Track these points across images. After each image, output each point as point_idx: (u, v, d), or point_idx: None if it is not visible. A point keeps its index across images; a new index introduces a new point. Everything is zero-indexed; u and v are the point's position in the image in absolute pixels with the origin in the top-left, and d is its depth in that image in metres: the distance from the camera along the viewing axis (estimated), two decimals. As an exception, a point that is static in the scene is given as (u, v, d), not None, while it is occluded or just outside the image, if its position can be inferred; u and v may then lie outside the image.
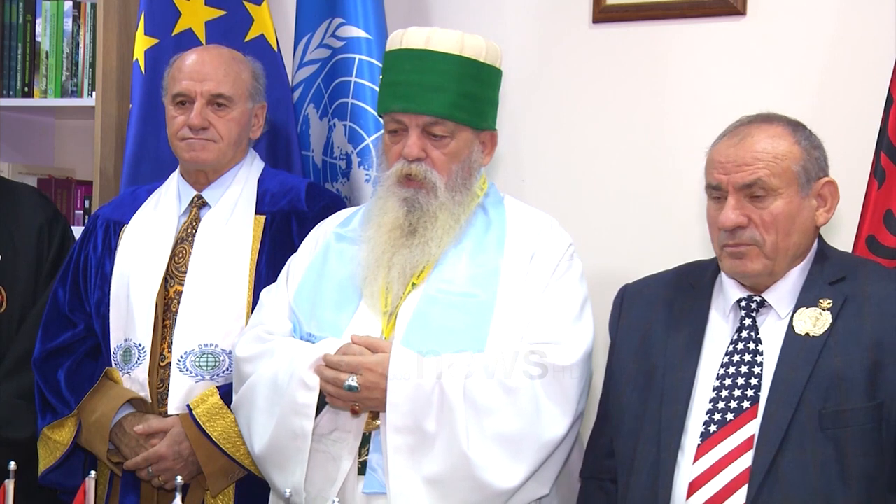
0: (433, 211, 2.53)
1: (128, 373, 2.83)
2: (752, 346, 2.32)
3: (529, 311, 2.49)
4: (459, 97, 2.54)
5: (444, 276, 2.52)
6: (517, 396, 2.40)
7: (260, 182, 2.97)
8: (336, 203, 2.96)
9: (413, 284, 2.53)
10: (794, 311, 2.30)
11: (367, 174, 3.19)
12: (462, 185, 2.57)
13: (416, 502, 2.37)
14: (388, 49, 2.62)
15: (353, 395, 2.40)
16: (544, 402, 2.41)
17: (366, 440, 2.46)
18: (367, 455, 2.45)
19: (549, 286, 2.52)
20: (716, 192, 2.35)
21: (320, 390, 2.45)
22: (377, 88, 3.14)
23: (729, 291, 2.38)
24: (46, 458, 2.87)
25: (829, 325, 2.26)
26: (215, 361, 2.79)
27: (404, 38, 2.58)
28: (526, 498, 2.45)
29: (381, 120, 3.11)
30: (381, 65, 3.15)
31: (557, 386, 2.43)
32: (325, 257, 2.64)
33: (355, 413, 2.44)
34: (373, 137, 3.18)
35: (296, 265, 2.68)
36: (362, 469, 2.44)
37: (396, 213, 2.54)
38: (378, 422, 2.44)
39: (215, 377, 2.78)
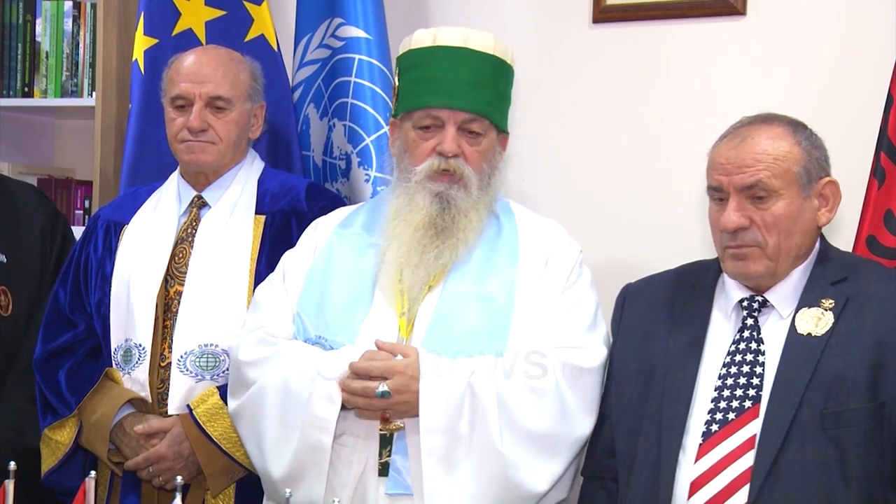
0: (466, 209, 2.53)
1: (128, 373, 2.83)
2: (753, 345, 2.32)
3: (546, 316, 2.49)
4: (494, 96, 2.56)
5: (461, 279, 2.51)
6: (544, 396, 2.40)
7: (260, 182, 2.97)
8: (336, 203, 2.95)
9: (429, 287, 2.51)
10: (796, 312, 2.30)
11: (366, 174, 3.19)
12: (488, 184, 2.57)
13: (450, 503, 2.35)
14: (414, 47, 2.59)
15: (385, 401, 2.37)
16: (571, 402, 2.42)
17: (387, 441, 2.44)
18: (388, 456, 2.43)
19: (564, 291, 2.53)
20: (717, 194, 2.35)
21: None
22: (377, 89, 3.17)
23: (731, 291, 2.39)
24: (49, 459, 2.87)
25: (830, 325, 2.26)
26: (215, 361, 2.78)
27: (437, 36, 2.56)
28: (547, 502, 2.45)
29: (380, 120, 3.16)
30: (380, 65, 3.18)
31: (581, 386, 2.44)
32: (329, 259, 2.61)
33: (386, 421, 2.42)
34: (372, 137, 3.18)
35: (294, 266, 2.65)
36: (384, 470, 2.43)
37: (429, 210, 2.52)
38: (400, 423, 2.42)
39: (215, 377, 2.78)
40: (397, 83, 2.63)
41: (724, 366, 2.33)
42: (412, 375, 2.38)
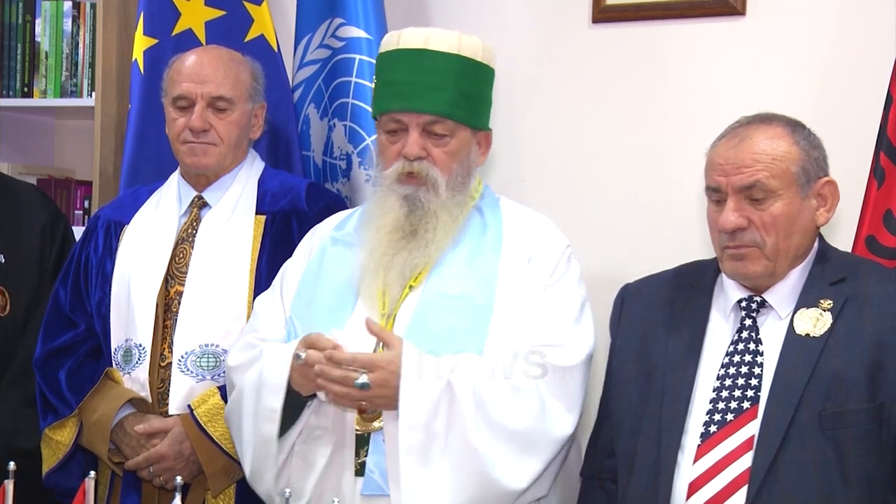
0: (434, 210, 2.53)
1: (128, 373, 2.83)
2: (752, 346, 2.32)
3: (529, 313, 2.49)
4: (458, 96, 2.54)
5: (441, 278, 2.51)
6: (523, 395, 2.40)
7: (260, 182, 2.97)
8: (337, 203, 2.96)
9: (410, 286, 2.52)
10: (795, 312, 2.30)
11: (367, 174, 3.19)
12: (461, 184, 2.57)
13: (426, 500, 2.36)
14: (382, 50, 2.61)
15: (363, 392, 2.38)
16: (550, 401, 2.41)
17: (364, 441, 2.45)
18: (365, 456, 2.44)
19: (547, 288, 2.52)
20: (715, 195, 2.35)
21: (314, 393, 2.44)
22: (376, 89, 3.17)
23: (729, 292, 2.38)
24: (49, 459, 2.87)
25: (829, 325, 2.26)
26: (216, 361, 2.79)
27: (401, 38, 2.57)
28: (525, 499, 2.44)
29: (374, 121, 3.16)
30: (378, 66, 3.19)
31: (562, 386, 2.43)
32: (321, 262, 2.63)
33: (363, 412, 2.43)
34: (373, 138, 3.16)
35: (290, 272, 2.67)
36: (360, 471, 2.44)
37: (397, 214, 2.53)
38: (378, 423, 2.43)
39: (216, 377, 2.78)
40: (373, 85, 2.66)
41: (722, 366, 2.33)
42: (393, 371, 2.37)
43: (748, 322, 2.35)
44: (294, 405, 2.47)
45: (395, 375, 2.37)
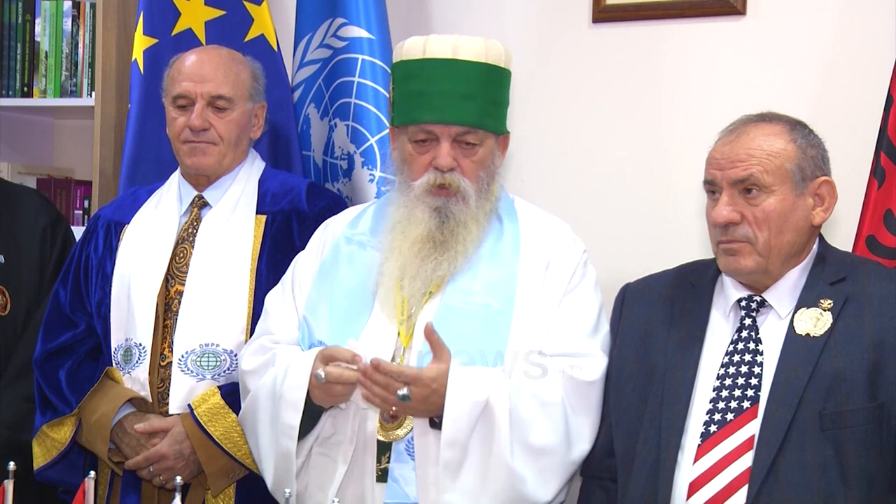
0: (464, 221, 2.52)
1: (128, 372, 2.83)
2: (752, 345, 2.32)
3: (547, 320, 2.49)
4: (487, 104, 2.54)
5: (461, 285, 2.51)
6: (551, 411, 2.40)
7: (261, 182, 2.97)
8: (337, 203, 2.95)
9: (430, 293, 2.51)
10: (795, 311, 2.30)
11: (370, 174, 3.19)
12: (487, 190, 2.56)
13: None
14: (405, 58, 2.57)
15: (400, 402, 2.36)
16: (573, 418, 2.42)
17: (385, 448, 2.44)
18: (387, 463, 2.43)
19: (566, 295, 2.52)
20: (711, 188, 2.36)
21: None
22: (381, 89, 3.16)
23: (729, 291, 2.39)
24: (42, 456, 2.87)
25: (829, 325, 2.26)
26: (216, 361, 2.79)
27: (427, 46, 2.53)
28: None
29: (384, 120, 3.15)
30: (383, 65, 3.18)
31: (585, 400, 2.44)
32: (336, 261, 2.61)
33: (395, 418, 2.42)
34: (376, 137, 3.18)
35: (303, 269, 2.66)
36: (382, 477, 2.43)
37: (428, 225, 2.51)
38: (399, 431, 2.43)
39: (216, 377, 2.78)
40: (392, 92, 2.62)
41: (722, 366, 2.33)
42: (436, 390, 2.36)
43: (748, 321, 2.35)
44: (311, 414, 2.46)
45: (439, 395, 2.36)
